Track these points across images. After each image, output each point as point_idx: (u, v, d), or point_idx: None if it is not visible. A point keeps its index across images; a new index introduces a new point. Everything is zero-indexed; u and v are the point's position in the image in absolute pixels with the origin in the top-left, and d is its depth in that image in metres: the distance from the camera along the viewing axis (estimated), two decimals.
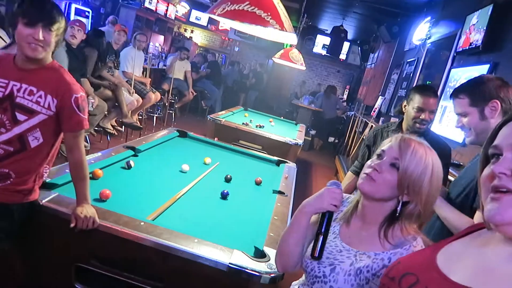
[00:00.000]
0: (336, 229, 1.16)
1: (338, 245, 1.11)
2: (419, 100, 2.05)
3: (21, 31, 1.43)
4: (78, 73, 3.96)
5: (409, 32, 6.40)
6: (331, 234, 1.14)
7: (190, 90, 7.64)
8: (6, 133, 1.51)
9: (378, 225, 1.07)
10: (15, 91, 1.49)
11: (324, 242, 1.08)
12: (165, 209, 1.80)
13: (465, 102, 1.50)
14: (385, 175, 1.05)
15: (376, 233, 1.07)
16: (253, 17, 1.71)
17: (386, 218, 1.07)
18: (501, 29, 3.16)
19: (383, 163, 1.07)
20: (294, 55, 4.93)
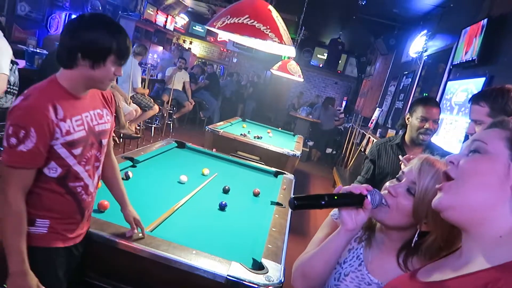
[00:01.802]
0: (359, 253, 1.03)
1: (365, 276, 0.98)
2: (422, 110, 2.09)
3: (109, 69, 1.31)
4: None
5: (406, 45, 6.48)
6: (356, 260, 1.02)
7: (190, 100, 7.68)
8: (100, 164, 1.50)
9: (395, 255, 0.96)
10: (89, 122, 1.39)
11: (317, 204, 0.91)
12: (163, 220, 1.79)
13: (484, 111, 1.46)
14: (400, 200, 0.94)
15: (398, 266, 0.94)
16: (253, 30, 1.73)
17: (403, 247, 0.95)
18: (496, 42, 3.20)
19: (400, 186, 0.96)
20: (292, 67, 4.96)
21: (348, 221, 0.93)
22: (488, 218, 0.69)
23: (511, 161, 0.69)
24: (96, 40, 1.26)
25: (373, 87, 8.34)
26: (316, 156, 8.81)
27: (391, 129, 5.51)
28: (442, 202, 0.74)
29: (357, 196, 0.92)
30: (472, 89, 3.35)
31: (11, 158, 1.21)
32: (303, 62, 11.39)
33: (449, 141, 3.44)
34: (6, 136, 1.19)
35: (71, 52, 1.26)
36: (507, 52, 3.03)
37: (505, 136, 0.73)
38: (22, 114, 1.20)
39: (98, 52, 1.28)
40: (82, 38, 1.26)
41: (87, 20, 1.31)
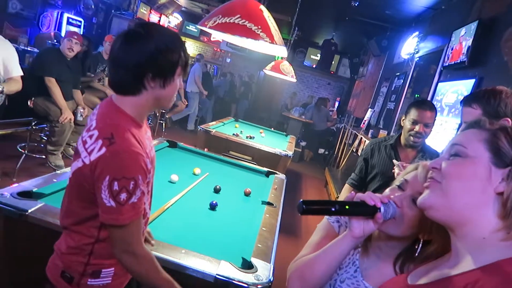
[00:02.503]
0: (355, 259, 1.01)
1: (360, 283, 0.96)
2: (414, 113, 2.09)
3: (177, 83, 1.17)
4: (71, 84, 3.96)
5: (398, 46, 6.52)
6: (351, 266, 1.00)
7: (182, 100, 7.67)
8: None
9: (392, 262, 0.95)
10: (150, 150, 1.28)
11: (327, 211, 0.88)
12: (153, 219, 1.79)
13: (477, 113, 1.45)
14: (405, 211, 0.90)
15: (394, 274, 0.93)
16: (244, 30, 1.74)
17: (400, 255, 0.94)
18: (486, 44, 3.24)
19: (404, 197, 0.93)
20: (285, 67, 4.98)
21: (356, 228, 0.90)
22: (471, 220, 0.70)
23: (491, 164, 0.70)
24: (165, 54, 1.10)
25: (366, 88, 8.39)
26: (309, 156, 8.84)
27: (382, 129, 5.54)
28: (427, 201, 0.75)
29: (370, 208, 0.88)
30: (462, 90, 3.38)
31: (127, 214, 1.07)
32: (297, 63, 11.43)
33: (439, 141, 3.47)
34: (112, 194, 1.03)
35: (139, 75, 1.09)
36: (497, 54, 3.07)
37: (484, 137, 0.73)
38: (124, 164, 1.05)
39: (169, 67, 1.12)
40: (150, 54, 1.08)
41: (146, 32, 1.10)
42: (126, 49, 1.09)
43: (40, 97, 3.64)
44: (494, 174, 0.69)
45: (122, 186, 1.03)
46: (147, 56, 1.07)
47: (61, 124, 3.68)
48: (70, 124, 3.78)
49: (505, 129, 0.73)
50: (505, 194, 0.68)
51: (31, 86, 3.65)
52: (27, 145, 3.88)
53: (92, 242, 1.17)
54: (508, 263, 0.63)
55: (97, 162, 1.04)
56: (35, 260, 1.58)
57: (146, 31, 1.10)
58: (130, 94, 1.12)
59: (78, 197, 1.15)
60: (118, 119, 1.11)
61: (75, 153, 1.15)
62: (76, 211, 1.17)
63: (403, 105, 5.42)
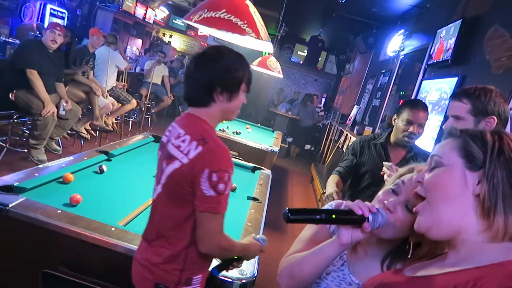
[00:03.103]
0: (343, 253, 1.02)
1: (347, 276, 0.98)
2: (408, 113, 2.06)
3: (241, 97, 1.33)
4: (53, 77, 3.88)
5: (384, 44, 6.59)
6: (339, 259, 1.02)
7: (169, 95, 7.60)
8: None
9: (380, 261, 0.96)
10: None
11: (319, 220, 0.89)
12: (138, 214, 1.78)
13: (466, 108, 1.46)
14: (398, 216, 0.91)
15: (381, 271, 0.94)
16: (230, 25, 1.73)
17: (389, 254, 0.95)
18: (469, 43, 3.30)
19: (398, 202, 0.92)
20: (272, 63, 4.97)
21: (344, 236, 0.90)
22: (463, 227, 0.72)
23: (465, 168, 0.73)
24: (232, 72, 1.27)
25: (352, 85, 8.46)
26: (295, 152, 8.88)
27: (368, 126, 5.60)
28: (421, 225, 0.77)
29: (358, 217, 0.87)
30: (446, 88, 3.44)
31: (223, 204, 1.20)
32: (284, 59, 11.43)
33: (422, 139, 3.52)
34: (212, 185, 1.15)
35: (209, 89, 1.26)
36: (479, 53, 3.13)
37: (457, 145, 0.76)
38: (219, 158, 1.18)
39: (235, 83, 1.29)
40: (219, 72, 1.26)
41: (216, 54, 1.29)
42: (200, 68, 1.28)
43: (21, 89, 3.57)
44: (469, 178, 0.72)
45: (220, 178, 1.16)
46: (217, 74, 1.26)
47: (43, 118, 3.61)
48: (53, 118, 3.71)
49: (474, 134, 0.76)
50: (481, 195, 0.70)
51: (12, 78, 3.58)
52: (9, 139, 3.80)
53: (187, 246, 1.24)
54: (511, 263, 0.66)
55: (196, 159, 1.18)
56: (15, 255, 1.56)
57: (217, 52, 1.30)
58: (202, 106, 1.29)
59: (174, 200, 1.24)
60: (203, 125, 1.28)
61: (168, 158, 1.26)
62: (173, 216, 1.24)
63: (388, 102, 5.48)
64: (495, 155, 0.71)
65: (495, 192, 0.69)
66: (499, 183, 0.69)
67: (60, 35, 3.77)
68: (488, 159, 0.71)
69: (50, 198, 1.70)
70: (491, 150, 0.71)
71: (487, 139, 0.73)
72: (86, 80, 4.83)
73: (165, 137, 1.34)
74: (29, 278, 1.54)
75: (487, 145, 0.72)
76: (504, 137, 0.73)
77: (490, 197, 0.69)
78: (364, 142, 2.30)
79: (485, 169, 0.70)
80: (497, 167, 0.70)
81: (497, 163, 0.70)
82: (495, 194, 0.69)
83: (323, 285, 0.99)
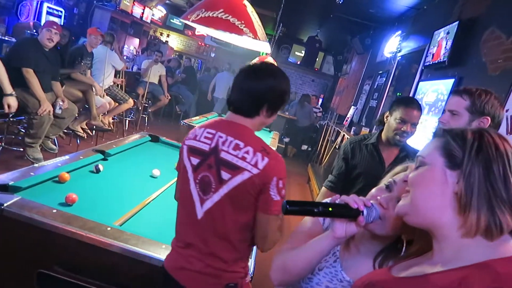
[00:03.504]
0: (336, 250, 1.03)
1: (339, 273, 0.99)
2: (402, 112, 2.02)
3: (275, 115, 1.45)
4: (50, 75, 3.86)
5: (381, 45, 6.60)
6: (331, 256, 1.02)
7: (166, 94, 7.58)
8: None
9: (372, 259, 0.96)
10: None
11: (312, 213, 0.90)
12: (134, 214, 1.77)
13: (464, 104, 1.48)
14: (391, 213, 0.91)
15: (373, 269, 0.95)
16: (227, 24, 1.73)
17: (381, 252, 0.96)
18: (466, 45, 3.31)
19: (391, 198, 0.93)
20: None
21: (338, 230, 0.90)
22: (443, 222, 0.74)
23: (446, 167, 0.75)
24: (282, 95, 1.40)
25: (349, 86, 8.47)
26: (292, 152, 8.88)
27: (365, 127, 5.61)
28: (400, 209, 0.81)
29: (353, 210, 0.89)
30: (442, 89, 3.45)
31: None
32: (281, 59, 11.43)
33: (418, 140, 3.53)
34: (278, 191, 1.29)
35: (259, 104, 1.36)
36: (476, 54, 3.14)
37: (439, 144, 0.78)
38: (282, 167, 1.33)
39: (279, 104, 1.41)
40: (272, 93, 1.37)
41: (277, 73, 1.40)
42: (256, 83, 1.36)
43: (18, 88, 3.54)
44: (449, 176, 0.74)
45: (283, 184, 1.31)
46: (270, 94, 1.37)
47: (39, 117, 3.59)
48: (49, 117, 3.69)
49: (456, 133, 0.77)
50: (458, 192, 0.72)
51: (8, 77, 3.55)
52: (4, 137, 3.78)
53: (250, 245, 1.39)
54: (499, 264, 0.67)
55: (266, 169, 1.29)
56: (10, 255, 1.55)
57: (275, 73, 1.40)
58: (246, 116, 1.38)
59: (240, 207, 1.32)
60: (254, 135, 1.38)
61: (231, 168, 1.30)
62: (238, 221, 1.32)
63: (385, 103, 5.49)
64: (473, 153, 0.72)
65: (471, 189, 0.70)
66: (475, 181, 0.70)
67: (57, 33, 3.76)
68: (467, 157, 0.72)
69: (46, 197, 1.69)
70: (470, 148, 0.73)
71: (467, 138, 0.74)
72: (86, 78, 4.81)
73: (203, 143, 1.36)
74: (24, 278, 1.53)
75: (466, 144, 0.74)
76: (485, 134, 0.74)
77: (466, 194, 0.71)
78: (355, 144, 2.22)
79: (463, 167, 0.72)
80: (474, 164, 0.71)
81: (475, 161, 0.71)
82: (470, 191, 0.70)
83: (315, 281, 1.00)
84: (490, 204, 0.69)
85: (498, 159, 0.71)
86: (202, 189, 1.34)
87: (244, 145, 1.32)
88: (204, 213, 1.34)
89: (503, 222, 0.68)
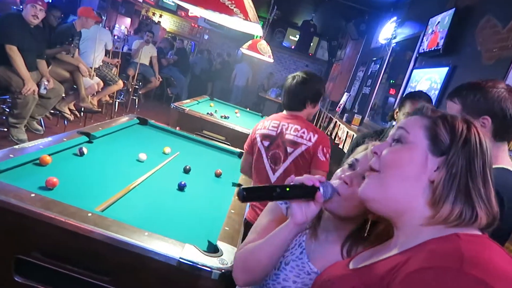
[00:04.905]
0: (302, 241, 0.99)
1: (306, 265, 0.94)
2: (410, 106, 1.99)
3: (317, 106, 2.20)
4: (34, 54, 3.73)
5: (376, 31, 6.52)
6: (297, 248, 0.98)
7: (157, 76, 7.45)
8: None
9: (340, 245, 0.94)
10: None
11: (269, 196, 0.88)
12: (117, 199, 1.72)
13: (456, 108, 1.32)
14: (355, 189, 0.87)
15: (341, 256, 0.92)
16: (217, 4, 1.65)
17: (348, 237, 0.93)
18: (461, 33, 3.26)
19: (355, 175, 0.92)
20: (262, 47, 4.88)
21: (298, 214, 0.87)
22: (408, 209, 0.70)
23: (429, 151, 0.70)
24: (319, 91, 2.13)
25: (343, 72, 8.40)
26: None
27: (357, 114, 5.57)
28: (366, 193, 0.75)
29: (310, 188, 0.87)
30: (436, 78, 3.41)
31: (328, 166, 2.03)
32: (275, 43, 11.28)
33: None
34: (324, 154, 2.01)
35: (304, 102, 2.10)
36: (471, 43, 3.09)
37: (424, 124, 0.73)
38: (327, 140, 2.05)
39: (318, 98, 2.14)
40: (312, 92, 2.09)
41: (311, 79, 2.10)
42: (300, 88, 2.08)
43: (0, 66, 3.43)
44: (430, 162, 0.70)
45: (327, 150, 2.03)
46: (310, 93, 2.10)
47: (23, 96, 3.49)
48: (34, 96, 3.59)
49: (444, 117, 0.73)
50: (435, 181, 0.68)
51: None
52: None
53: None
54: (432, 242, 0.64)
55: (316, 141, 2.01)
56: None
57: (311, 78, 2.12)
58: (298, 110, 2.12)
59: (302, 168, 2.00)
60: (307, 122, 2.12)
61: (293, 144, 2.02)
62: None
63: (378, 90, 5.45)
64: (460, 144, 0.68)
65: (450, 182, 0.67)
66: (457, 173, 0.67)
67: (42, 10, 3.62)
68: (454, 146, 0.69)
69: (25, 181, 1.62)
70: (458, 137, 0.69)
71: (456, 126, 0.70)
72: (72, 59, 4.67)
73: (271, 130, 2.10)
74: (1, 264, 1.48)
75: (455, 132, 0.70)
76: (472, 127, 0.71)
77: (444, 186, 0.67)
78: (368, 140, 2.20)
79: (448, 156, 0.68)
80: (459, 156, 0.68)
81: (461, 152, 0.68)
82: (450, 184, 0.67)
83: (281, 276, 0.95)
84: (470, 199, 0.66)
85: (480, 155, 0.68)
86: (274, 162, 2.06)
87: (301, 128, 2.04)
88: (276, 179, 2.04)
89: (479, 217, 0.65)
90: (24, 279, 1.49)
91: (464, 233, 0.64)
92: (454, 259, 0.56)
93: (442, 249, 0.61)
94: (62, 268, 1.44)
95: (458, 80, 3.05)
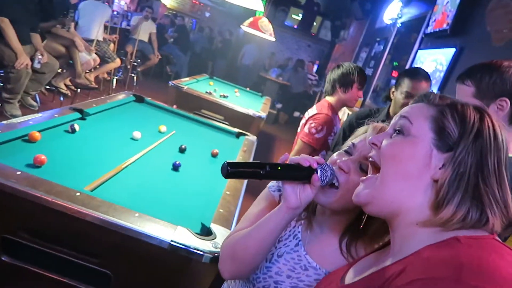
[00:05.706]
0: (297, 231, 0.91)
1: (302, 258, 0.87)
2: (408, 85, 1.88)
3: (354, 93, 2.28)
4: (28, 27, 3.61)
5: (381, 10, 6.34)
6: (292, 239, 0.90)
7: (156, 53, 7.30)
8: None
9: (338, 238, 0.87)
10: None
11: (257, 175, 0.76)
12: (108, 179, 1.66)
13: (469, 91, 1.22)
14: (352, 177, 0.81)
15: (339, 250, 0.86)
16: None
17: (346, 231, 0.86)
18: (470, 13, 3.14)
19: (352, 161, 0.83)
20: (264, 24, 4.75)
21: (291, 197, 0.78)
22: (405, 208, 0.62)
23: (433, 146, 0.61)
24: (346, 76, 2.25)
25: (345, 53, 8.25)
26: (284, 119, 8.76)
27: None
28: (362, 198, 0.68)
29: (306, 169, 0.77)
30: (442, 60, 3.31)
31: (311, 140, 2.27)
32: (277, 22, 11.04)
33: None
34: (309, 128, 2.25)
35: (334, 85, 2.29)
36: (480, 24, 2.98)
37: (431, 114, 0.64)
38: (321, 118, 2.25)
39: (348, 83, 2.26)
40: (339, 76, 2.26)
41: (345, 64, 2.29)
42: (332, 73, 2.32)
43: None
44: (434, 158, 0.61)
45: (316, 125, 2.24)
46: (338, 77, 2.28)
47: (16, 70, 3.39)
48: (27, 71, 3.49)
49: (454, 105, 0.63)
50: (439, 181, 0.59)
51: None
52: None
53: None
54: (429, 249, 0.57)
55: (311, 116, 2.29)
56: None
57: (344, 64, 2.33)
58: (329, 95, 2.34)
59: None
60: (325, 104, 2.34)
61: (305, 122, 2.37)
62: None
63: (381, 72, 5.34)
64: (471, 138, 0.59)
65: (457, 183, 0.58)
66: (465, 172, 0.58)
67: None
68: (463, 141, 0.59)
69: (12, 158, 1.56)
70: (469, 131, 0.59)
71: (468, 116, 0.61)
72: (68, 34, 4.54)
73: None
74: None
75: (466, 123, 0.60)
76: (485, 117, 0.61)
77: (450, 187, 0.58)
78: (362, 120, 2.12)
79: (456, 152, 0.59)
80: (469, 152, 0.58)
81: (471, 149, 0.59)
82: (456, 184, 0.58)
83: (274, 270, 0.87)
84: (480, 202, 0.57)
85: (494, 150, 0.59)
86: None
87: (315, 108, 2.33)
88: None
89: (490, 223, 0.57)
90: (11, 259, 1.45)
91: (466, 236, 0.56)
92: (452, 268, 0.50)
93: (439, 256, 0.53)
94: (49, 248, 1.39)
95: (465, 62, 2.94)
